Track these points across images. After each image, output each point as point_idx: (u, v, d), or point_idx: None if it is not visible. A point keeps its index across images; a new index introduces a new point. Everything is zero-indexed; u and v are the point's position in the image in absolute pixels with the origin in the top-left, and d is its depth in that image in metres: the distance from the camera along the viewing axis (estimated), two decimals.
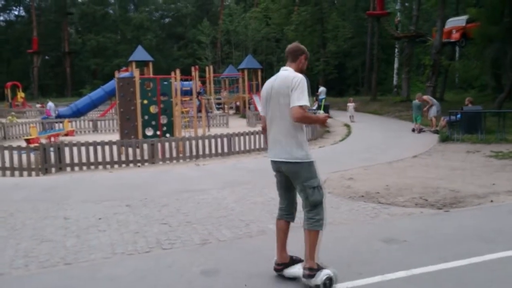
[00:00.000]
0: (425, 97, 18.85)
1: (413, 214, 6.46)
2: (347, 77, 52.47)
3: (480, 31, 21.46)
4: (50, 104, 25.25)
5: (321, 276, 3.81)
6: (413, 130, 17.92)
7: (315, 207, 3.95)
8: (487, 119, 15.81)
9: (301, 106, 3.81)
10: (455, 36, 26.38)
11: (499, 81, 27.42)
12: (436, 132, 16.79)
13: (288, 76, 3.95)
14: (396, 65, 38.59)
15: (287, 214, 4.26)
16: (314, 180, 3.96)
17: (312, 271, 3.87)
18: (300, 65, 4.13)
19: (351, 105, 23.75)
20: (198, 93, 20.47)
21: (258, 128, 17.10)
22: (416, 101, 18.13)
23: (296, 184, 4.03)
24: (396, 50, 38.89)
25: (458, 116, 15.86)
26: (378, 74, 39.73)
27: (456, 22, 27.22)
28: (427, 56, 27.50)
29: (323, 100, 16.73)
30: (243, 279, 4.15)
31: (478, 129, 14.83)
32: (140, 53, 24.59)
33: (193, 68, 18.40)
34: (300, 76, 3.93)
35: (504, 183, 8.38)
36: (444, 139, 14.83)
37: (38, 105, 37.35)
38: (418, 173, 9.59)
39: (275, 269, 4.20)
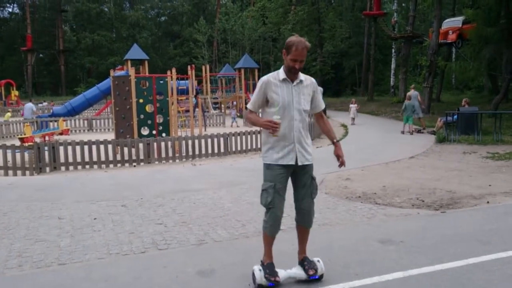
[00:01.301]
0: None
1: (410, 215, 6.44)
2: (344, 77, 52.59)
3: (476, 32, 21.51)
4: (29, 104, 25.05)
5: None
6: (403, 133, 17.61)
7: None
8: (484, 120, 15.85)
9: (247, 107, 4.00)
10: (452, 37, 26.46)
11: (495, 83, 27.56)
12: (433, 133, 16.80)
13: None
14: (393, 66, 38.70)
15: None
16: (263, 183, 3.97)
17: (260, 263, 4.09)
18: (286, 62, 3.90)
19: (353, 107, 22.59)
20: (196, 93, 20.41)
21: (255, 128, 17.10)
22: (408, 101, 17.89)
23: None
24: (393, 50, 39.05)
25: (455, 117, 15.89)
26: (375, 75, 39.86)
27: (453, 23, 27.31)
28: (424, 56, 27.61)
29: None
30: (239, 280, 4.12)
31: (474, 130, 14.87)
32: (136, 52, 24.50)
33: (189, 67, 18.35)
34: (261, 78, 3.98)
35: (500, 184, 8.38)
36: (441, 140, 14.85)
37: (44, 103, 37.10)
38: (415, 174, 9.58)
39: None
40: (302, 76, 3.97)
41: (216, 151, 13.32)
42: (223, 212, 6.75)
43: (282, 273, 3.98)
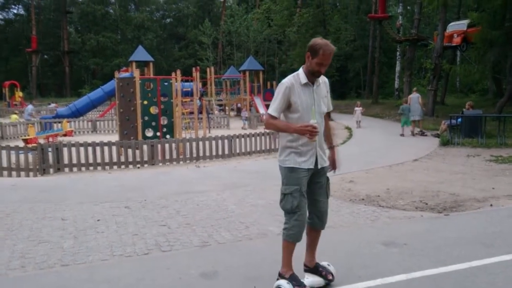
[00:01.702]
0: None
1: (413, 217, 6.43)
2: (349, 80, 52.58)
3: (481, 35, 21.46)
4: (29, 106, 25.10)
5: (274, 285, 3.88)
6: (402, 135, 17.71)
7: (286, 213, 3.89)
8: (488, 123, 15.81)
9: (268, 113, 3.86)
10: (456, 40, 26.38)
11: (500, 86, 27.47)
12: (437, 135, 16.77)
13: None
14: (397, 69, 38.63)
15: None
16: (286, 187, 3.86)
17: (279, 276, 3.93)
18: (308, 64, 3.78)
19: (358, 110, 22.39)
20: (201, 95, 20.44)
21: (259, 130, 17.09)
22: (405, 105, 18.05)
23: None
24: (398, 53, 38.98)
25: (459, 120, 15.85)
26: (380, 77, 39.83)
27: (457, 26, 27.23)
28: (429, 59, 27.53)
29: None
30: (243, 282, 4.12)
31: (478, 133, 14.82)
32: (141, 53, 24.54)
33: (194, 69, 18.38)
34: (282, 82, 3.86)
35: (504, 187, 8.35)
36: (445, 143, 14.81)
37: (53, 105, 37.16)
38: (418, 177, 9.56)
39: (303, 269, 4.14)
40: (320, 79, 3.91)
41: (220, 153, 13.32)
42: (227, 214, 6.75)
43: (304, 282, 3.91)
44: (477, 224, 5.91)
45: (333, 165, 4.09)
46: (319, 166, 3.88)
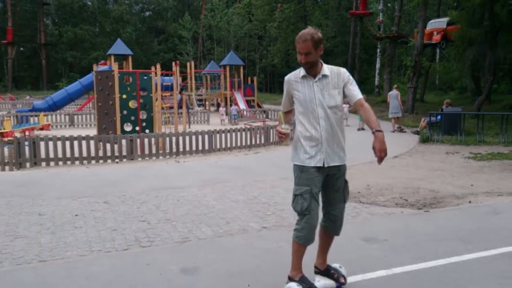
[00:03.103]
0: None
1: (394, 214, 6.47)
2: None
3: (460, 33, 21.74)
4: None
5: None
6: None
7: (297, 214, 3.71)
8: (467, 121, 16.02)
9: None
10: (436, 38, 26.69)
11: (478, 84, 27.89)
12: (417, 132, 16.96)
13: None
14: (378, 66, 38.93)
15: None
16: (296, 187, 3.71)
17: (288, 279, 3.79)
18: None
19: (345, 107, 20.54)
20: (181, 89, 20.29)
21: (240, 126, 17.05)
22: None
23: None
24: (378, 50, 39.29)
25: (438, 117, 16.03)
26: (360, 74, 40.07)
27: (437, 24, 27.55)
28: (409, 57, 27.77)
29: None
30: (224, 278, 4.09)
31: (457, 130, 15.01)
32: (119, 47, 24.24)
33: (173, 63, 18.23)
34: (285, 78, 3.82)
35: (482, 184, 8.46)
36: (424, 140, 14.96)
37: (29, 98, 36.41)
38: (398, 173, 9.64)
39: (314, 271, 3.98)
40: (326, 70, 3.68)
41: (200, 148, 13.24)
42: (208, 209, 6.70)
43: (315, 285, 3.80)
44: (456, 220, 5.97)
45: (376, 153, 3.56)
46: (326, 165, 3.61)
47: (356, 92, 3.68)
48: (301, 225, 3.62)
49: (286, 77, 3.77)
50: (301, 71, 3.68)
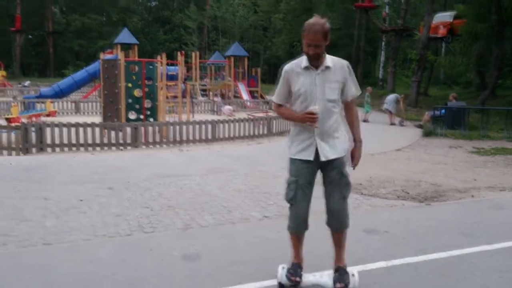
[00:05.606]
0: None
1: (395, 206, 6.50)
2: None
3: (466, 27, 21.62)
4: None
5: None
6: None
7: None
8: (471, 116, 16.00)
9: (273, 101, 3.72)
10: (442, 31, 26.51)
11: (483, 79, 27.75)
12: (420, 126, 16.94)
13: None
14: (382, 59, 38.75)
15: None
16: (287, 177, 3.70)
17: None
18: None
19: None
20: (185, 79, 20.30)
21: (243, 116, 17.06)
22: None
23: None
24: (383, 43, 39.08)
25: (442, 111, 16.00)
26: (364, 67, 39.89)
27: (444, 17, 27.35)
28: (414, 50, 27.67)
29: None
30: (225, 265, 4.14)
31: (461, 125, 14.99)
32: (126, 36, 24.28)
33: (179, 53, 18.21)
34: (284, 68, 3.63)
35: (485, 179, 8.48)
36: (428, 134, 14.95)
37: (27, 83, 36.34)
38: (400, 166, 9.66)
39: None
40: (329, 61, 3.52)
41: (203, 137, 13.28)
42: (210, 198, 6.75)
43: (309, 278, 3.73)
44: (458, 214, 5.99)
45: (354, 161, 3.69)
46: (323, 159, 3.55)
47: (352, 91, 3.65)
48: (289, 213, 3.69)
49: (286, 67, 3.60)
50: (303, 61, 3.52)
